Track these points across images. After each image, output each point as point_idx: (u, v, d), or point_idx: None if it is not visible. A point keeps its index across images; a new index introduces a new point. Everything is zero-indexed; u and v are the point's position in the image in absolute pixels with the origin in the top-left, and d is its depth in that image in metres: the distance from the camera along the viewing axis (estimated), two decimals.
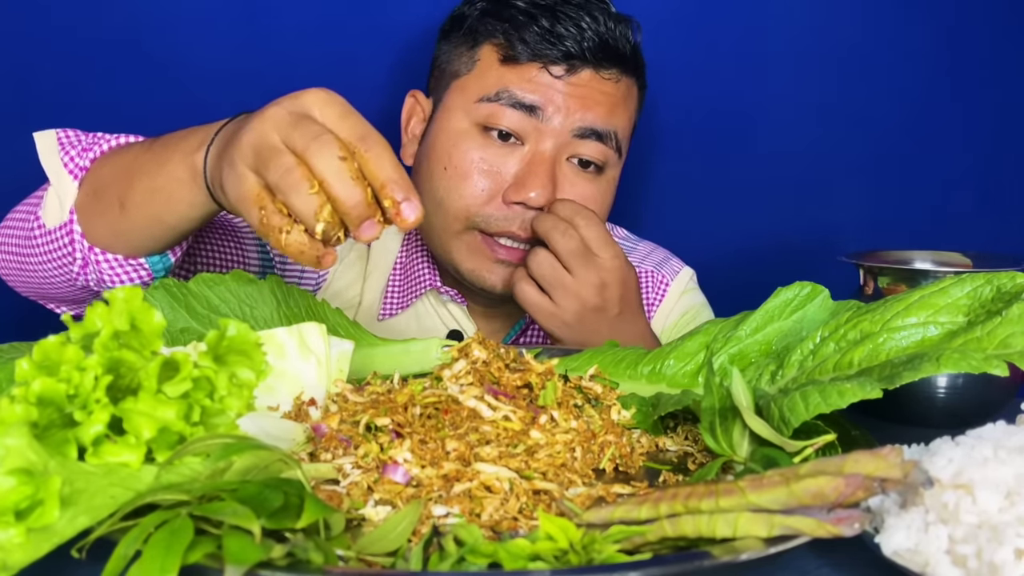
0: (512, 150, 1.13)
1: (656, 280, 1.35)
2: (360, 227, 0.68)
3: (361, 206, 0.68)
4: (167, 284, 0.89)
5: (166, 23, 1.38)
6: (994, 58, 1.56)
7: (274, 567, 0.49)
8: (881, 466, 0.53)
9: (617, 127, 1.16)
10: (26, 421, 0.53)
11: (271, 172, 0.68)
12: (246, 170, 0.71)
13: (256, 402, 0.63)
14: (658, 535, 0.55)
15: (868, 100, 1.56)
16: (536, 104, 1.12)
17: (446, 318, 1.24)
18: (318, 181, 0.67)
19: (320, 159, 0.67)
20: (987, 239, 1.57)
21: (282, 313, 0.91)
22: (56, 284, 1.00)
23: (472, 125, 1.14)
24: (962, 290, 0.75)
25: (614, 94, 1.15)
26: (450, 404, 0.73)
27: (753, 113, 1.55)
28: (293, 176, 0.67)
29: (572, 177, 1.15)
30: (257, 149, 0.70)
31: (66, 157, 0.96)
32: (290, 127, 0.69)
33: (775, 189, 1.57)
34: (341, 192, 0.67)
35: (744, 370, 0.84)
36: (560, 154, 1.14)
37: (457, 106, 1.15)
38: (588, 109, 1.13)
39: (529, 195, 1.11)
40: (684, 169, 1.56)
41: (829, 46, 1.54)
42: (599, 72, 1.14)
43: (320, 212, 0.67)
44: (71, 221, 0.93)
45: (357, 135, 0.69)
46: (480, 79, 1.14)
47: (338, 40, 1.43)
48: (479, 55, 1.15)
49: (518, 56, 1.12)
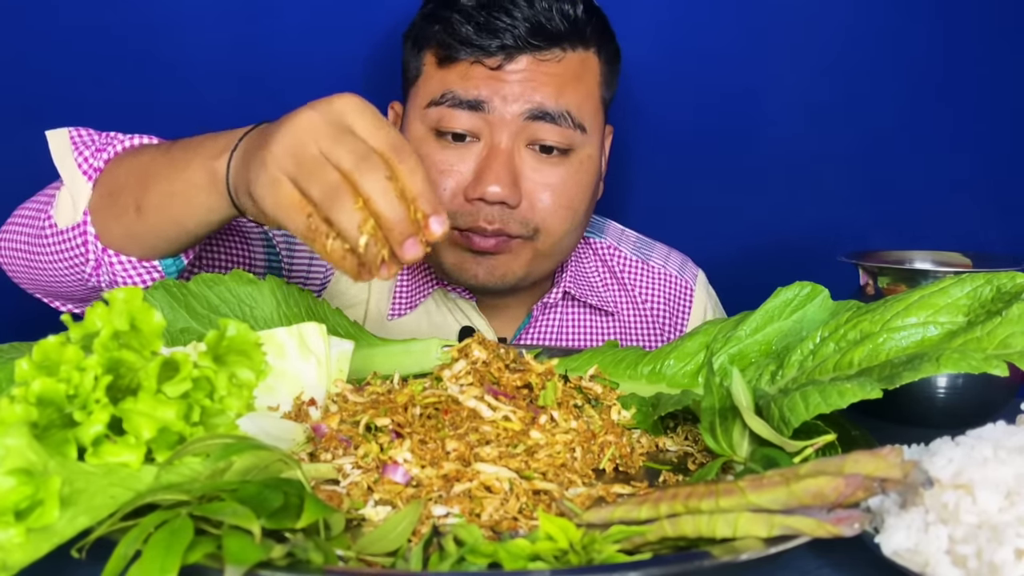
0: (468, 148, 1.12)
1: (680, 286, 1.35)
2: (404, 245, 0.69)
3: (404, 223, 0.69)
4: (167, 284, 0.89)
5: (167, 23, 1.38)
6: (994, 58, 1.56)
7: (274, 567, 0.49)
8: (881, 466, 0.53)
9: (569, 106, 1.13)
10: (26, 421, 0.53)
11: (315, 186, 0.69)
12: (282, 176, 0.70)
13: (256, 402, 0.63)
14: (658, 535, 0.55)
15: (868, 100, 1.56)
16: (479, 99, 1.10)
17: (457, 314, 1.24)
18: (363, 199, 0.68)
19: (368, 180, 0.68)
20: (987, 239, 1.57)
21: (282, 313, 0.91)
22: (65, 283, 1.00)
23: (427, 130, 1.14)
24: (962, 290, 0.75)
25: (560, 73, 1.13)
26: (450, 404, 0.73)
27: (753, 113, 1.55)
28: (340, 192, 0.68)
29: (533, 164, 1.13)
30: (298, 159, 0.70)
31: (79, 157, 0.95)
32: (332, 141, 0.69)
33: (775, 189, 1.57)
34: (387, 211, 0.68)
35: (744, 370, 0.84)
36: (516, 143, 1.12)
37: (413, 115, 1.16)
38: (534, 92, 1.11)
39: (487, 190, 1.09)
40: (684, 169, 1.56)
41: (829, 45, 1.54)
42: (536, 55, 1.11)
43: (364, 226, 0.68)
44: (85, 223, 0.93)
45: (392, 147, 0.70)
46: (426, 84, 1.15)
47: (339, 40, 1.43)
48: (423, 60, 1.16)
49: (454, 56, 1.12)
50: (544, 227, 1.14)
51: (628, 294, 1.33)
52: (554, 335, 1.28)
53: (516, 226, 1.12)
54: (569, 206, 1.15)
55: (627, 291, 1.34)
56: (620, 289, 1.34)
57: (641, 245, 1.38)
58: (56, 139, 0.97)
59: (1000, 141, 1.59)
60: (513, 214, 1.12)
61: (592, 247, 1.35)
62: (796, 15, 1.52)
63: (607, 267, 1.34)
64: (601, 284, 1.33)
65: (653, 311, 1.34)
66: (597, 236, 1.37)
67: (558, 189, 1.13)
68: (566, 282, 1.27)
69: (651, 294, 1.34)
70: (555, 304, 1.28)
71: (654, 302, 1.34)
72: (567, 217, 1.15)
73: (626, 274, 1.35)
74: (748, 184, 1.56)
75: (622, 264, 1.35)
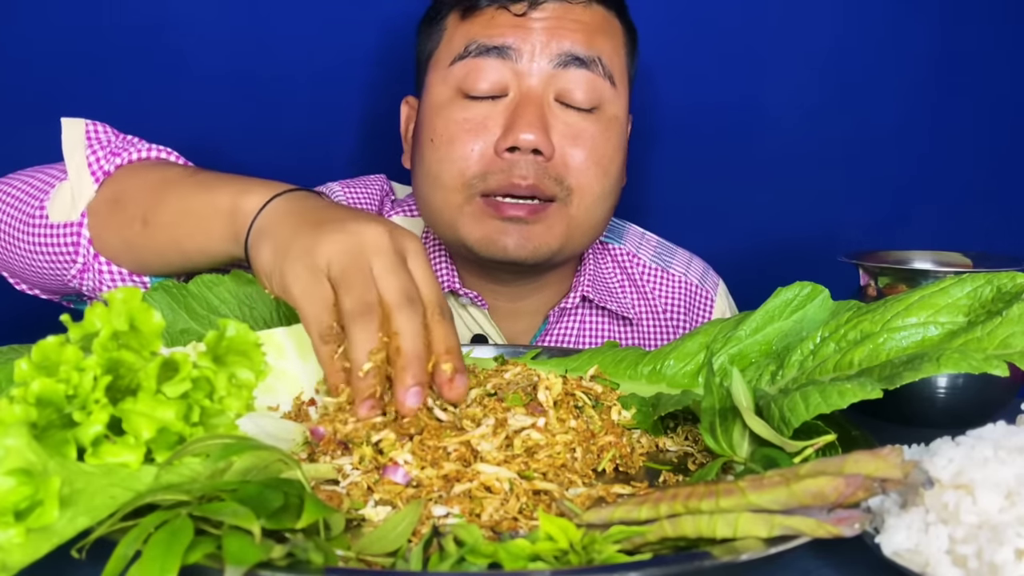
0: (496, 103, 1.07)
1: (701, 296, 1.31)
2: (409, 389, 0.68)
3: (422, 366, 0.69)
4: (166, 285, 0.89)
5: (166, 22, 1.38)
6: (995, 58, 1.56)
7: (274, 567, 0.49)
8: (881, 466, 0.53)
9: (601, 52, 1.09)
10: (25, 421, 0.53)
11: (351, 297, 0.69)
12: (324, 273, 0.71)
13: (256, 402, 0.63)
14: (658, 535, 0.55)
15: (868, 100, 1.56)
16: (506, 44, 1.06)
17: (468, 322, 1.20)
18: (393, 332, 0.69)
19: (405, 317, 0.69)
20: (987, 239, 1.57)
21: (282, 313, 0.91)
22: (40, 273, 0.97)
23: (452, 92, 1.09)
24: (962, 290, 0.75)
25: (588, 21, 1.09)
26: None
27: (753, 113, 1.55)
28: (371, 313, 0.68)
29: (564, 116, 1.08)
30: (344, 267, 0.70)
31: (92, 155, 0.93)
32: (388, 267, 0.70)
33: (775, 189, 1.57)
34: (412, 349, 0.69)
35: (744, 370, 0.83)
36: (547, 92, 1.07)
37: (436, 81, 1.11)
38: (563, 37, 1.07)
39: (520, 137, 1.04)
40: (684, 169, 1.56)
41: (829, 45, 1.54)
42: (564, 1, 1.08)
43: (375, 355, 0.68)
44: (81, 224, 0.91)
45: (437, 300, 0.72)
46: (449, 45, 1.11)
47: (345, 39, 1.43)
48: (445, 25, 1.12)
49: (477, 5, 1.08)
50: (578, 186, 1.08)
51: (647, 302, 1.28)
52: (571, 343, 1.23)
53: (550, 183, 1.06)
54: (600, 163, 1.10)
55: (646, 299, 1.29)
56: (639, 296, 1.29)
57: (662, 251, 1.33)
58: (71, 129, 0.95)
59: (1000, 141, 1.59)
60: (547, 169, 1.06)
61: (611, 252, 1.31)
62: (796, 15, 1.52)
63: (626, 274, 1.30)
64: (620, 290, 1.28)
65: (672, 320, 1.29)
66: (616, 242, 1.32)
67: (589, 145, 1.08)
68: (584, 286, 1.22)
69: (671, 303, 1.29)
70: (572, 310, 1.23)
71: (674, 311, 1.29)
72: (599, 177, 1.10)
73: (646, 281, 1.30)
74: (748, 184, 1.57)
75: (641, 271, 1.30)
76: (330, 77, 1.44)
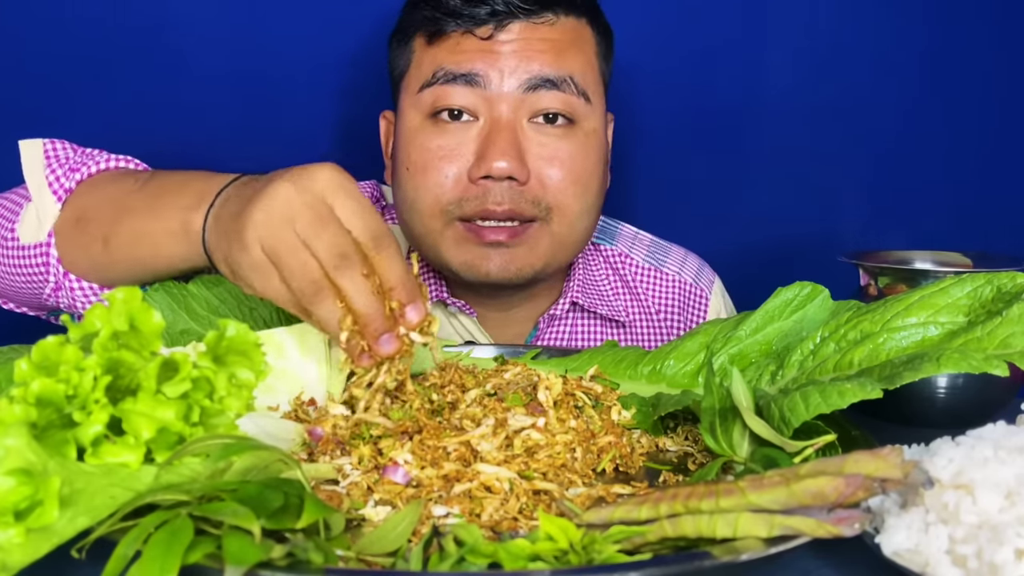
0: (467, 128, 1.06)
1: (696, 294, 1.29)
2: (379, 341, 0.70)
3: (379, 320, 0.70)
4: (167, 286, 0.89)
5: (164, 23, 1.38)
6: (995, 57, 1.56)
7: (274, 567, 0.49)
8: (881, 466, 0.53)
9: (572, 71, 1.07)
10: (25, 421, 0.53)
11: (295, 281, 0.69)
12: (265, 263, 0.70)
13: (256, 402, 0.63)
14: (658, 535, 0.55)
15: (868, 99, 1.56)
16: (473, 71, 1.04)
17: (459, 330, 1.19)
18: (341, 296, 0.69)
19: (345, 278, 0.69)
20: (987, 239, 1.57)
21: (282, 313, 0.91)
22: (20, 293, 0.97)
23: (423, 118, 1.07)
24: (962, 290, 0.75)
25: (557, 38, 1.07)
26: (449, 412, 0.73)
27: (753, 113, 1.55)
28: (320, 290, 0.69)
29: (537, 138, 1.06)
30: (271, 247, 0.69)
31: (51, 175, 0.92)
32: (311, 228, 0.69)
33: (775, 189, 1.57)
34: (363, 308, 0.69)
35: (744, 370, 0.83)
36: (519, 116, 1.06)
37: (407, 105, 1.10)
38: (531, 59, 1.05)
39: (492, 166, 1.02)
40: (684, 169, 1.56)
41: (829, 44, 1.54)
42: (530, 20, 1.06)
43: (343, 322, 0.70)
44: (49, 244, 0.91)
45: (371, 235, 0.70)
46: (418, 70, 1.09)
47: (344, 42, 1.43)
48: (413, 47, 1.10)
49: (443, 29, 1.06)
50: (557, 205, 1.07)
51: (640, 303, 1.27)
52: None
53: (528, 206, 1.05)
54: (579, 181, 1.08)
55: (639, 300, 1.27)
56: (632, 298, 1.27)
57: (656, 250, 1.32)
58: (29, 150, 0.94)
59: (1000, 141, 1.59)
60: (523, 192, 1.05)
61: (602, 254, 1.29)
62: (796, 15, 1.52)
63: (618, 275, 1.28)
64: (612, 293, 1.27)
65: (666, 321, 1.27)
66: (608, 243, 1.30)
67: (567, 163, 1.07)
68: (574, 291, 1.21)
69: (664, 303, 1.28)
70: (562, 316, 1.22)
71: (668, 311, 1.28)
72: (579, 194, 1.08)
73: (639, 282, 1.28)
74: (748, 184, 1.56)
75: (634, 272, 1.29)
76: (330, 78, 1.44)
